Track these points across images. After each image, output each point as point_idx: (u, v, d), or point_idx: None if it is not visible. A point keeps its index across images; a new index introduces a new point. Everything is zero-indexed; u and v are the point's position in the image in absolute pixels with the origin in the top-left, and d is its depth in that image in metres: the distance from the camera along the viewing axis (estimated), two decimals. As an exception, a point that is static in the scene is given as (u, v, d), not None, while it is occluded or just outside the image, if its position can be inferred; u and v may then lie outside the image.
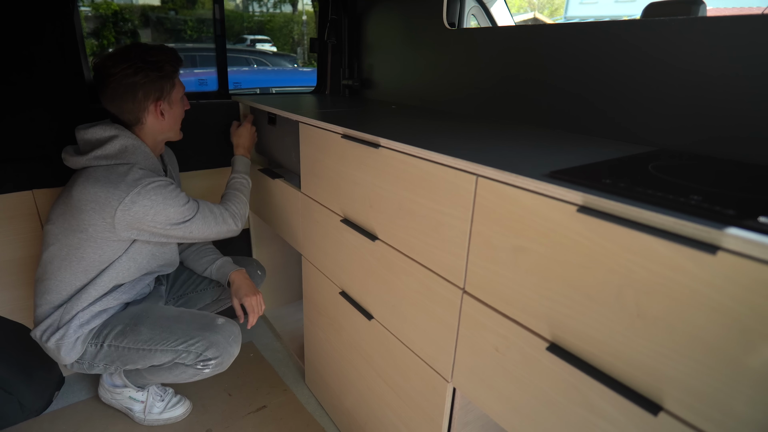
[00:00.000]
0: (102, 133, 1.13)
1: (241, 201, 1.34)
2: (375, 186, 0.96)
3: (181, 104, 1.26)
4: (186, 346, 1.15)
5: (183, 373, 1.21)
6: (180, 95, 1.23)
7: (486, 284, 0.74)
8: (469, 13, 2.12)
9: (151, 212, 1.09)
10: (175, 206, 1.13)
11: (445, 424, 0.91)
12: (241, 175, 1.43)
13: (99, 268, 1.14)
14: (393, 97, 1.66)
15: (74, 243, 1.10)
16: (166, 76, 1.16)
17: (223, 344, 1.17)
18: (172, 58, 1.18)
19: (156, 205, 1.09)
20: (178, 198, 1.14)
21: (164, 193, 1.11)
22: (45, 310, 1.14)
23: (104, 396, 1.40)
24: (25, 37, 1.22)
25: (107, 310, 1.18)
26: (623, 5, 16.18)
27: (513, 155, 0.77)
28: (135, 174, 1.09)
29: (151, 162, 1.18)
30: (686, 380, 0.50)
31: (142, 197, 1.07)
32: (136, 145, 1.14)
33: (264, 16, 6.00)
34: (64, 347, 1.13)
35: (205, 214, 1.21)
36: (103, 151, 1.10)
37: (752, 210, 0.49)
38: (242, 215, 1.32)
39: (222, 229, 1.25)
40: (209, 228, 1.22)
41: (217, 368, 1.20)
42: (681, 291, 0.49)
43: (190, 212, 1.17)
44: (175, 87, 1.20)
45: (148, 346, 1.15)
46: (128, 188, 1.06)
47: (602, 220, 0.55)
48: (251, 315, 1.31)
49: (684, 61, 0.85)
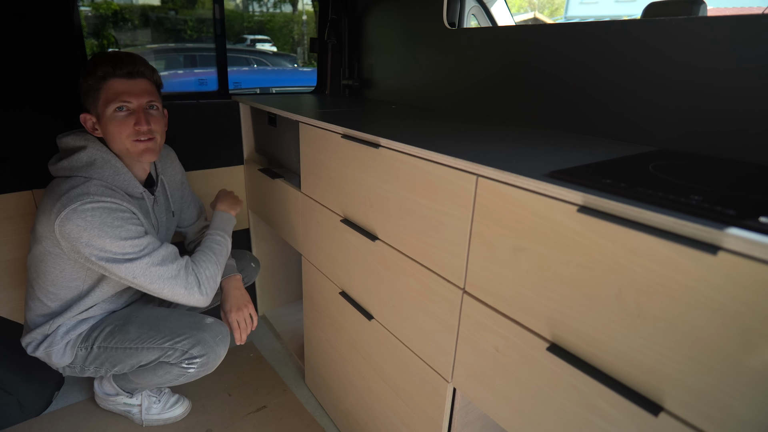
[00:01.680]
0: (73, 143, 1.06)
1: (212, 266, 1.13)
2: (375, 186, 0.96)
3: (118, 120, 1.03)
4: (172, 344, 1.12)
5: (167, 373, 1.16)
6: (110, 108, 1.02)
7: (486, 284, 0.74)
8: (470, 13, 2.12)
9: (84, 235, 0.96)
10: (113, 237, 0.97)
11: (446, 424, 0.91)
12: (218, 232, 1.21)
13: (74, 287, 1.10)
14: (393, 97, 1.66)
15: (36, 253, 1.07)
16: (91, 85, 1.02)
17: (209, 343, 1.14)
18: (103, 66, 1.01)
19: (90, 229, 0.95)
20: (122, 229, 0.98)
21: (104, 217, 0.97)
22: (30, 317, 1.14)
23: (101, 404, 1.40)
24: (25, 37, 1.22)
25: (95, 316, 1.18)
26: (623, 5, 16.18)
27: (513, 155, 0.77)
28: (83, 189, 0.98)
29: (122, 178, 1.06)
30: (687, 380, 0.50)
31: (77, 215, 0.95)
32: (105, 159, 1.04)
33: (264, 16, 5.99)
34: (54, 354, 1.13)
35: (157, 261, 1.02)
36: (69, 162, 1.03)
37: (753, 210, 0.49)
38: (213, 284, 1.11)
39: (180, 289, 1.05)
40: (161, 281, 1.02)
41: (203, 368, 1.15)
42: (681, 291, 0.49)
43: (133, 250, 0.99)
44: (100, 98, 1.02)
45: (135, 345, 1.13)
46: (67, 203, 0.95)
47: (603, 220, 0.55)
48: (236, 332, 1.20)
49: (685, 61, 0.85)
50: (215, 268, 1.14)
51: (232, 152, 1.69)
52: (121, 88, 1.03)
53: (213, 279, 1.12)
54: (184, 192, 1.36)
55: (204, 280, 1.10)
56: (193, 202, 1.41)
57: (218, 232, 1.22)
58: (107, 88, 1.02)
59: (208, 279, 1.11)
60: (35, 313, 1.14)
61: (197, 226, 1.44)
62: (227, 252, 1.20)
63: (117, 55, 1.04)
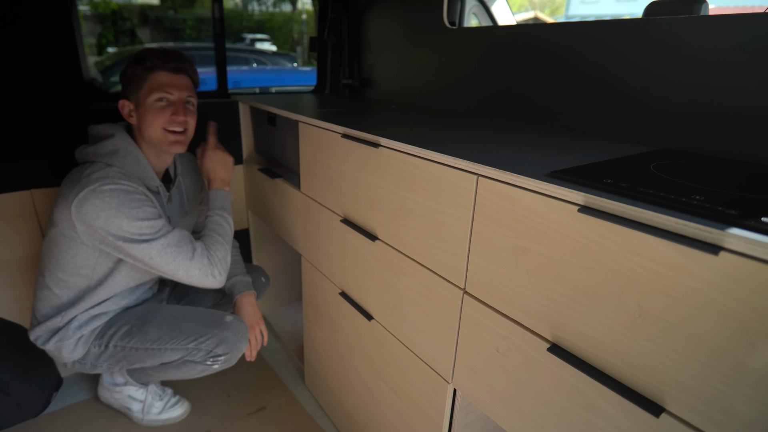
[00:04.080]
0: (103, 131, 1.11)
1: (221, 247, 1.15)
2: (375, 186, 0.96)
3: (157, 109, 1.09)
4: (196, 344, 1.14)
5: (191, 369, 1.20)
6: (153, 98, 1.08)
7: (486, 284, 0.74)
8: (470, 12, 2.11)
9: (102, 215, 0.99)
10: (130, 217, 1.00)
11: (446, 425, 0.91)
12: (218, 212, 1.20)
13: (84, 274, 1.11)
14: (393, 97, 1.66)
15: (51, 236, 1.09)
16: (136, 74, 1.07)
17: (232, 341, 1.17)
18: (152, 58, 1.07)
19: (108, 209, 0.99)
20: (139, 210, 1.02)
21: (121, 198, 1.00)
22: (40, 309, 1.14)
23: (103, 395, 1.40)
24: (25, 37, 1.22)
25: (107, 312, 1.18)
26: (625, 4, 16.17)
27: (514, 155, 0.77)
28: (102, 173, 1.02)
29: (141, 169, 1.10)
30: (688, 381, 0.50)
31: (95, 196, 0.99)
32: (128, 149, 1.09)
33: (263, 15, 5.99)
34: (65, 348, 1.13)
35: (173, 242, 1.05)
36: (95, 149, 1.08)
37: (755, 210, 0.49)
38: (224, 265, 1.14)
39: (195, 271, 1.08)
40: (176, 262, 1.05)
41: (226, 363, 1.19)
42: (683, 291, 0.48)
43: (149, 231, 1.03)
44: (144, 87, 1.08)
45: (158, 345, 1.15)
46: (85, 185, 1.00)
47: (603, 220, 0.54)
48: (246, 349, 1.24)
49: (686, 60, 0.85)
50: (224, 249, 1.16)
51: (231, 152, 1.67)
52: (166, 80, 1.09)
53: (224, 260, 1.15)
54: (203, 197, 1.39)
55: (216, 262, 1.12)
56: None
57: (217, 212, 1.21)
58: (153, 78, 1.08)
59: (220, 260, 1.14)
60: (45, 303, 1.13)
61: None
62: (231, 230, 1.21)
63: (166, 51, 1.11)
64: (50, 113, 1.31)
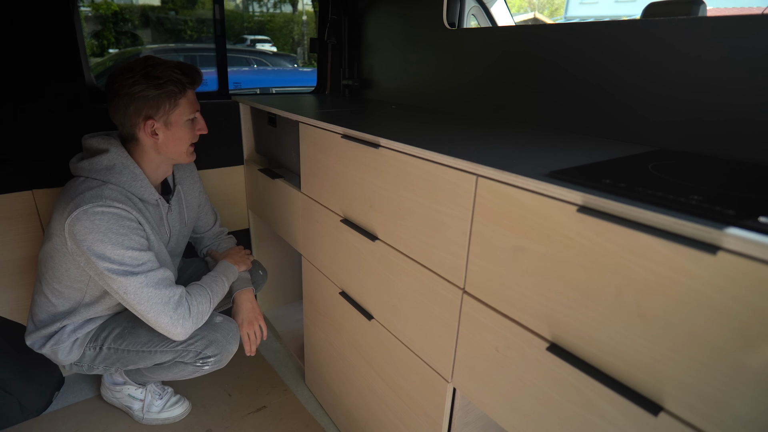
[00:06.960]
0: (98, 145, 1.07)
1: (207, 302, 1.12)
2: (375, 186, 0.96)
3: (188, 127, 1.12)
4: (185, 346, 1.15)
5: (182, 370, 1.20)
6: (186, 117, 1.10)
7: (486, 284, 0.74)
8: (469, 13, 2.12)
9: (89, 237, 0.96)
10: (115, 243, 0.97)
11: (446, 424, 0.91)
12: (220, 276, 1.21)
13: (79, 288, 1.10)
14: (393, 97, 1.66)
15: (47, 248, 1.07)
16: (167, 94, 1.05)
17: (221, 342, 1.17)
18: (180, 78, 1.06)
19: (96, 231, 0.96)
20: (125, 237, 0.99)
21: (111, 222, 0.98)
22: (36, 314, 1.15)
23: (105, 394, 1.41)
24: (26, 37, 1.22)
25: (102, 316, 1.19)
26: (623, 5, 16.18)
27: (513, 155, 0.77)
28: (97, 192, 0.99)
29: (139, 185, 1.07)
30: (686, 380, 0.50)
31: (86, 217, 0.96)
32: (124, 165, 1.06)
33: (264, 16, 6.00)
34: (60, 352, 1.14)
35: (152, 282, 1.01)
36: (89, 164, 1.05)
37: (752, 210, 0.49)
38: (199, 321, 1.10)
39: (164, 319, 1.03)
40: (149, 304, 1.01)
41: (216, 365, 1.20)
42: (681, 291, 0.49)
43: (131, 262, 0.99)
44: (178, 107, 1.08)
45: (148, 348, 1.15)
46: (80, 203, 0.97)
47: (602, 220, 0.55)
48: (246, 344, 1.26)
49: (684, 61, 0.85)
50: (207, 306, 1.13)
51: (232, 152, 1.69)
52: (193, 98, 1.12)
53: (202, 315, 1.11)
54: (201, 199, 1.38)
55: (195, 313, 1.08)
56: (211, 209, 1.45)
57: (220, 275, 1.22)
58: (186, 98, 1.09)
59: (199, 314, 1.10)
60: (41, 310, 1.14)
61: (213, 232, 1.46)
62: (222, 295, 1.20)
63: (187, 67, 1.09)
64: (52, 114, 1.31)
